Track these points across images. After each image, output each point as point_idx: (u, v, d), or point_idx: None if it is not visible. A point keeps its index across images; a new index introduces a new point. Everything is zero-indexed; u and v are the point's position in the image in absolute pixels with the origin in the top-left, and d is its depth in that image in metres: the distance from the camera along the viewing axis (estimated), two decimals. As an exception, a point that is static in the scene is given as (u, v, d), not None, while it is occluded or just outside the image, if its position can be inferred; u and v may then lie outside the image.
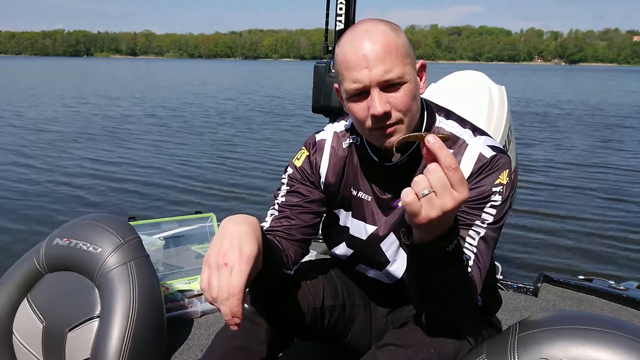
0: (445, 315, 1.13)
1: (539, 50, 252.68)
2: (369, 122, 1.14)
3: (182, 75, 50.86)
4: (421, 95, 1.24)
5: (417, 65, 1.20)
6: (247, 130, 12.79)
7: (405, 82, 1.12)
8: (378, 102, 1.10)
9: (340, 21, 2.58)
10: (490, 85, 2.46)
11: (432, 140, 0.89)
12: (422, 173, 0.96)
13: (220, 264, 0.97)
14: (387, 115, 1.12)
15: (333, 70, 2.60)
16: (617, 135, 12.93)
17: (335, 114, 2.41)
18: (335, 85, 1.25)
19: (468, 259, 1.13)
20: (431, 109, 1.29)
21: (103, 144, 10.20)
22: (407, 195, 0.89)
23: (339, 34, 2.61)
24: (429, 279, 1.05)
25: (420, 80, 1.22)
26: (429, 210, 0.89)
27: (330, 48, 2.66)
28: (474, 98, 2.37)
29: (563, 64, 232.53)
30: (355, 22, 2.68)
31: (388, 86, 1.11)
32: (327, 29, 2.70)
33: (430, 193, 0.88)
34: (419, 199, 0.89)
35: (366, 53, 1.10)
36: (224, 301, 0.95)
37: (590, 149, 10.81)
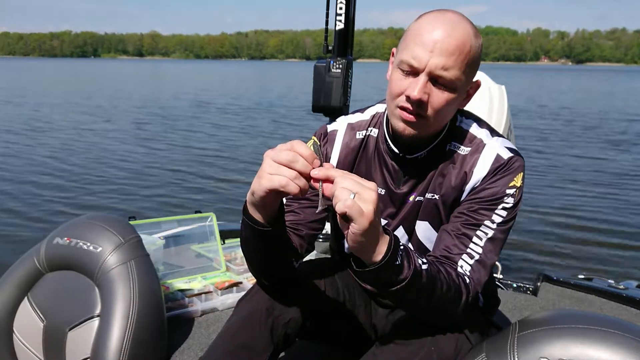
0: (433, 317, 1.15)
1: (546, 50, 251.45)
2: (401, 99, 1.13)
3: (190, 76, 50.96)
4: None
5: (473, 82, 1.19)
6: (248, 130, 12.82)
7: (454, 88, 1.12)
8: (419, 88, 1.09)
9: (340, 21, 2.57)
10: (490, 84, 2.47)
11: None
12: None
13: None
14: (420, 103, 1.11)
15: (333, 70, 2.61)
16: (620, 135, 12.85)
17: (335, 114, 2.40)
18: (394, 49, 1.22)
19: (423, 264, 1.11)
20: (456, 113, 1.28)
21: (103, 144, 10.24)
22: (347, 200, 0.91)
23: (339, 33, 2.60)
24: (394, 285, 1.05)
25: (468, 97, 1.21)
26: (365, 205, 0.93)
27: (330, 48, 2.65)
28: (474, 97, 2.37)
29: (570, 63, 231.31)
30: (355, 22, 2.68)
31: (437, 82, 1.11)
32: (327, 29, 2.68)
33: (355, 194, 0.91)
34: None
35: (439, 39, 1.08)
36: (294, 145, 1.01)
37: (591, 148, 10.75)
